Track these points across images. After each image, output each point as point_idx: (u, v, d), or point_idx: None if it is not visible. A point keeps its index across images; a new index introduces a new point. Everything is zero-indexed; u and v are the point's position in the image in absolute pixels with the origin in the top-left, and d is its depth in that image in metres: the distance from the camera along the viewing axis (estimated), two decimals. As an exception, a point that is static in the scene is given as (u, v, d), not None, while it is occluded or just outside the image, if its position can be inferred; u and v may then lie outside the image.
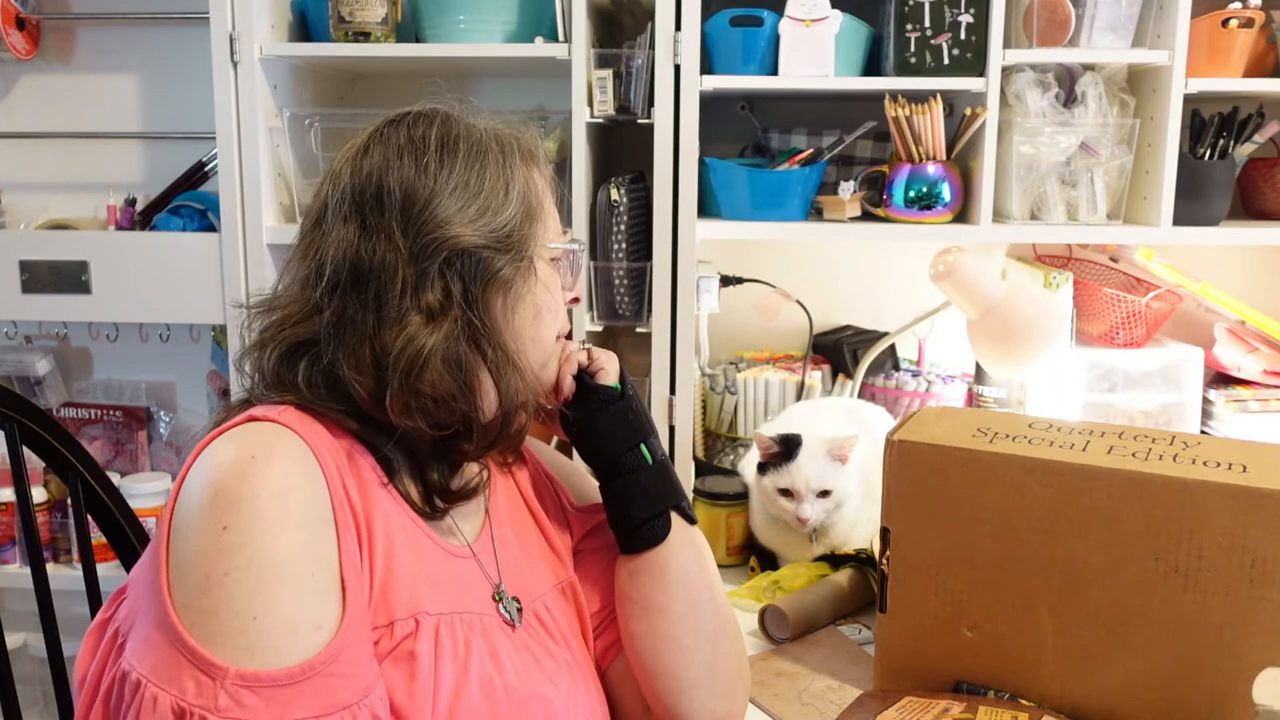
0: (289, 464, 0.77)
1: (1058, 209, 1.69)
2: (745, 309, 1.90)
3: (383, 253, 0.84)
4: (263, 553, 0.73)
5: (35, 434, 1.20)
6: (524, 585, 0.95)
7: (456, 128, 0.90)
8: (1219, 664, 0.95)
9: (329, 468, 0.80)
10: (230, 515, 0.74)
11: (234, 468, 0.76)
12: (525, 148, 0.93)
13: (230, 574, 0.72)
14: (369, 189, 0.86)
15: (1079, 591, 1.00)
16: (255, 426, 0.80)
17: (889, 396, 1.85)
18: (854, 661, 1.25)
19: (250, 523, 0.73)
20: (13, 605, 2.04)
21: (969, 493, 1.04)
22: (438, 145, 0.87)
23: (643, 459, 0.97)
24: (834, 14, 1.60)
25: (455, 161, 0.87)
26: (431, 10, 1.71)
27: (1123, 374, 1.79)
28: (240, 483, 0.75)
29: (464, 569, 0.90)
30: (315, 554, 0.76)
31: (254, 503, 0.74)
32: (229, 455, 0.77)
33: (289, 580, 0.74)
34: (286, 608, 0.73)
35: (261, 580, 0.73)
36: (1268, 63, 1.69)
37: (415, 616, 0.82)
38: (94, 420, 2.06)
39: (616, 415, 0.98)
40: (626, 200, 1.67)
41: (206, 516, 0.74)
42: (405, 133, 0.88)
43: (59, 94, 2.02)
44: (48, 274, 1.80)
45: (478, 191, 0.87)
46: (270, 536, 0.74)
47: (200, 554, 0.73)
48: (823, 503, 1.44)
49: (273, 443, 0.78)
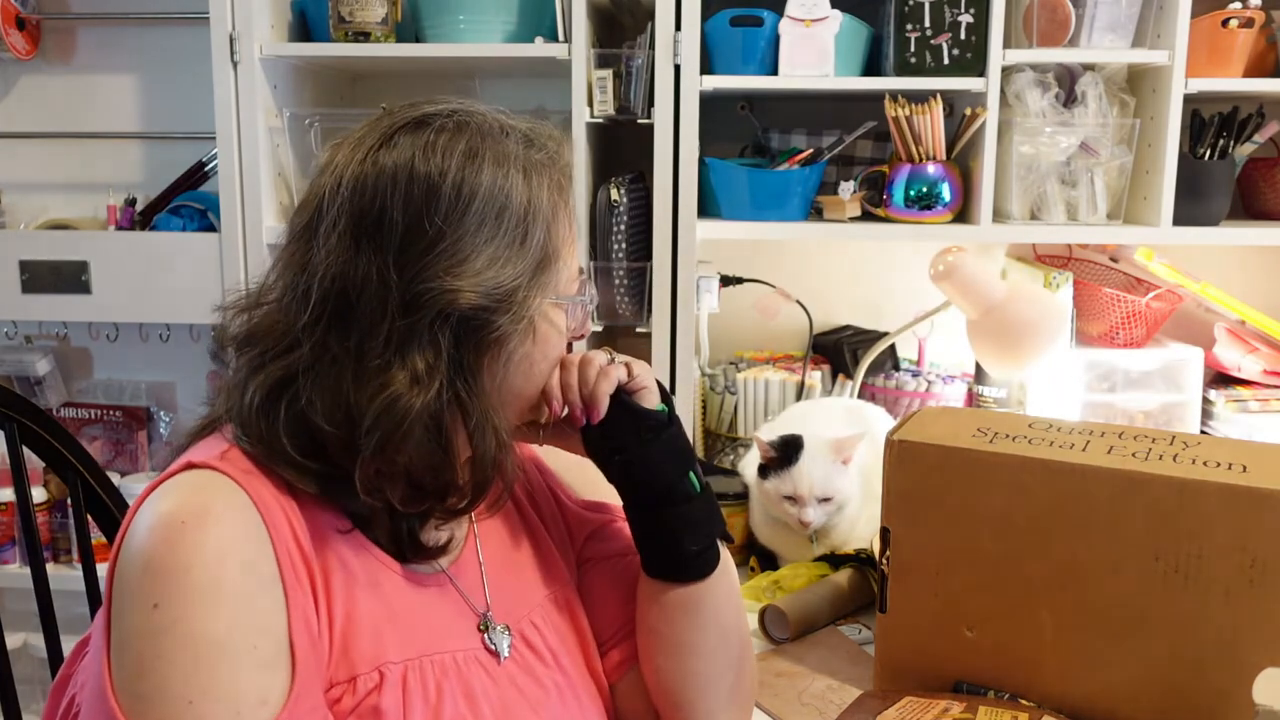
0: (224, 527, 0.71)
1: (1058, 209, 1.69)
2: (745, 309, 1.90)
3: (373, 291, 0.75)
4: (195, 631, 0.68)
5: (35, 434, 1.20)
6: (511, 603, 0.89)
7: (483, 148, 0.79)
8: (1219, 664, 0.95)
9: (274, 518, 0.74)
10: (159, 591, 0.69)
11: (164, 535, 0.70)
12: (558, 175, 0.83)
13: (162, 657, 0.68)
14: (370, 207, 0.76)
15: (1079, 591, 1.00)
16: (192, 477, 0.74)
17: (889, 396, 1.85)
18: (854, 661, 1.25)
19: (181, 598, 0.69)
20: (13, 605, 2.04)
21: (969, 493, 1.04)
22: (456, 172, 0.77)
23: (692, 487, 0.89)
24: (834, 14, 1.60)
25: (473, 199, 0.77)
26: (431, 10, 1.71)
27: (1123, 374, 1.79)
28: (169, 554, 0.70)
29: (437, 600, 0.85)
30: (256, 625, 0.71)
31: (184, 575, 0.69)
32: (160, 518, 0.71)
33: (227, 657, 0.69)
34: (226, 687, 0.69)
35: (196, 661, 0.68)
36: (1268, 63, 1.69)
37: (380, 669, 0.77)
38: (94, 420, 2.06)
39: (668, 444, 0.88)
40: (626, 200, 1.67)
41: (136, 593, 0.70)
42: (423, 144, 0.78)
43: (59, 94, 2.02)
44: (48, 274, 1.80)
45: (490, 237, 0.77)
46: (203, 611, 0.69)
47: (134, 634, 0.69)
48: (825, 506, 1.44)
49: (208, 501, 0.72)
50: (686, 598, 0.90)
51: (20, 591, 1.99)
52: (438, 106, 0.81)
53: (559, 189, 0.83)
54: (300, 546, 0.76)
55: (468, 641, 0.85)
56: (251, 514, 0.73)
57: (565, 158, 0.86)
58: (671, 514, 0.88)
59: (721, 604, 0.92)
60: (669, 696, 0.92)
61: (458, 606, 0.86)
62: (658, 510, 0.89)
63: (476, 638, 0.85)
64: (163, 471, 0.77)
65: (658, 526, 0.89)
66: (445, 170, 0.77)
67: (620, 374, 0.88)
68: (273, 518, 0.74)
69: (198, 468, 0.75)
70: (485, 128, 0.81)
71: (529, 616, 0.90)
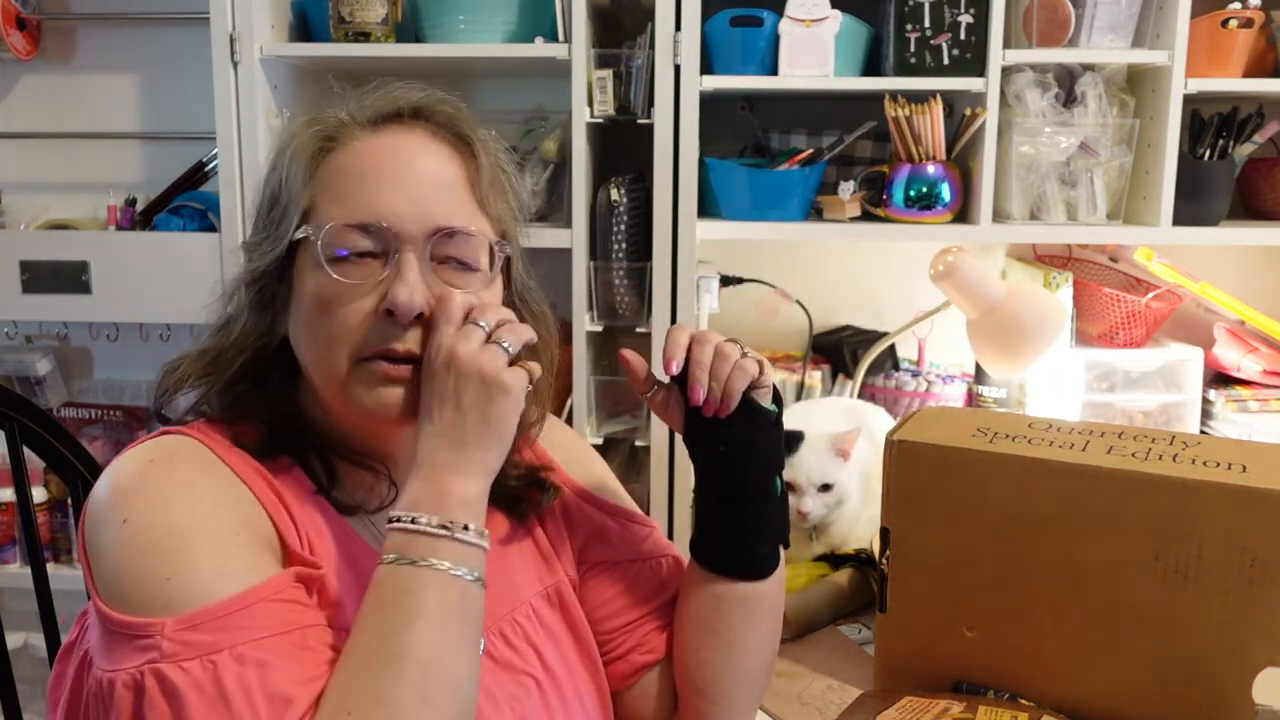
0: (191, 466, 0.76)
1: (1058, 209, 1.69)
2: (745, 309, 1.90)
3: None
4: (169, 524, 0.71)
5: (35, 434, 1.20)
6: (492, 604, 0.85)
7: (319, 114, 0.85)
8: (1219, 664, 0.95)
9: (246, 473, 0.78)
10: (128, 507, 0.72)
11: (130, 469, 0.75)
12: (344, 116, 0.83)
13: (136, 555, 0.70)
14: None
15: (1079, 591, 1.00)
16: (159, 438, 0.79)
17: (889, 396, 1.85)
18: (854, 661, 1.25)
19: (150, 505, 0.72)
20: (13, 605, 2.04)
21: (969, 493, 1.04)
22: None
23: (774, 489, 0.90)
24: (834, 14, 1.60)
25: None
26: (431, 10, 1.71)
27: (1123, 374, 1.79)
28: (137, 479, 0.74)
29: None
30: (239, 517, 0.73)
31: (154, 490, 0.73)
32: (126, 461, 0.76)
33: (208, 538, 0.71)
34: (208, 559, 0.70)
35: (171, 546, 0.70)
36: (1268, 63, 1.69)
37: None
38: (94, 420, 2.06)
39: (773, 446, 0.89)
40: (626, 200, 1.67)
41: (106, 518, 0.72)
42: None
43: (59, 94, 2.02)
44: (48, 274, 1.80)
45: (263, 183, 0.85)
46: (176, 509, 0.72)
47: (109, 549, 0.71)
48: (824, 497, 1.44)
49: (176, 450, 0.77)
50: (747, 594, 0.91)
51: (20, 591, 1.99)
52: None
53: (330, 128, 0.82)
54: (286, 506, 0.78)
55: None
56: (220, 466, 0.77)
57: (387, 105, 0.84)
58: (752, 513, 0.89)
59: (775, 603, 0.93)
60: (707, 689, 0.93)
61: None
62: (740, 508, 0.89)
63: None
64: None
65: (736, 523, 0.90)
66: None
67: (753, 370, 0.86)
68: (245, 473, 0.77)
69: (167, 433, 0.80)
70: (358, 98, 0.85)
71: (512, 614, 0.89)
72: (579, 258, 1.67)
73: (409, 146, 0.82)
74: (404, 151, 0.82)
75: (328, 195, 0.80)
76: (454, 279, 0.81)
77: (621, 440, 1.77)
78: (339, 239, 0.79)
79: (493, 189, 0.85)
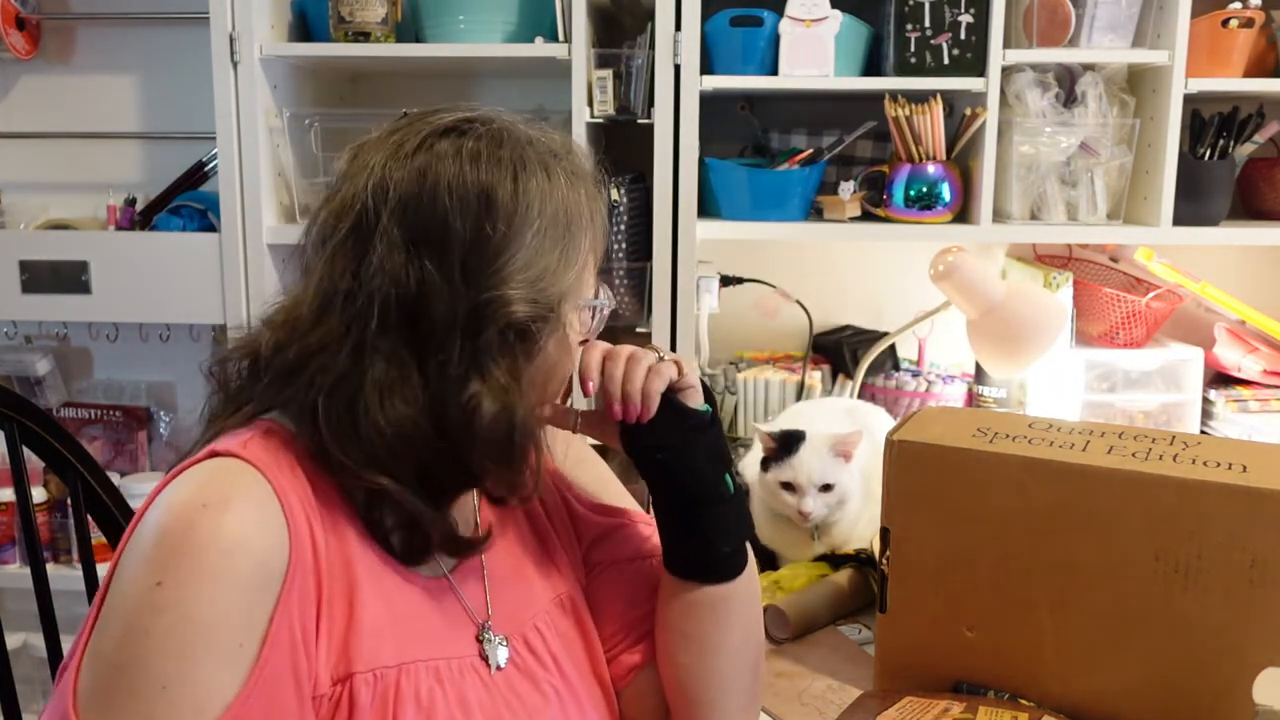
0: (245, 514, 0.72)
1: (1058, 209, 1.69)
2: (745, 309, 1.90)
3: (441, 301, 0.76)
4: (191, 616, 0.68)
5: (35, 434, 1.20)
6: (514, 609, 0.89)
7: (528, 156, 0.80)
8: (1219, 664, 0.95)
9: (294, 512, 0.74)
10: (168, 568, 0.69)
11: (183, 514, 0.70)
12: (591, 184, 0.84)
13: (151, 633, 0.68)
14: (428, 216, 0.76)
15: (1079, 591, 1.00)
16: (217, 464, 0.74)
17: (889, 396, 1.85)
18: (854, 661, 1.25)
19: (187, 580, 0.69)
20: (13, 605, 2.04)
21: (969, 493, 1.04)
22: (511, 181, 0.78)
23: (728, 489, 0.88)
24: (834, 14, 1.60)
25: (530, 208, 0.78)
26: (431, 10, 1.71)
27: (1123, 374, 1.79)
28: (186, 532, 0.70)
29: (439, 605, 0.84)
30: (248, 622, 0.71)
31: (197, 557, 0.69)
32: (182, 497, 0.72)
33: (213, 650, 0.69)
34: (201, 679, 0.68)
35: (183, 647, 0.68)
36: (1268, 63, 1.69)
37: (375, 671, 0.77)
38: (94, 420, 2.06)
39: (710, 445, 0.88)
40: (626, 200, 1.67)
41: (142, 566, 0.70)
42: (469, 152, 0.78)
43: (59, 94, 2.02)
44: (48, 274, 1.80)
45: (546, 246, 0.79)
46: (205, 598, 0.69)
47: (130, 606, 0.69)
48: (825, 497, 1.44)
49: (231, 487, 0.73)
50: (715, 597, 0.90)
51: (20, 591, 1.99)
52: (465, 113, 0.82)
53: (591, 197, 0.84)
54: (314, 541, 0.76)
55: (463, 649, 0.84)
56: (273, 505, 0.73)
57: (590, 166, 0.86)
58: (707, 514, 0.88)
59: (746, 604, 0.92)
60: (689, 695, 0.92)
61: (457, 613, 0.86)
62: (693, 511, 0.88)
63: (473, 646, 0.85)
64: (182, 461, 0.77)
65: (692, 527, 0.89)
66: (500, 179, 0.78)
67: (671, 372, 0.86)
68: (294, 513, 0.74)
69: (222, 456, 0.75)
70: (522, 136, 0.82)
71: (533, 621, 0.89)
72: (579, 258, 1.67)
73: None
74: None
75: (595, 262, 0.87)
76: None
77: (621, 440, 1.77)
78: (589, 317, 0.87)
79: None
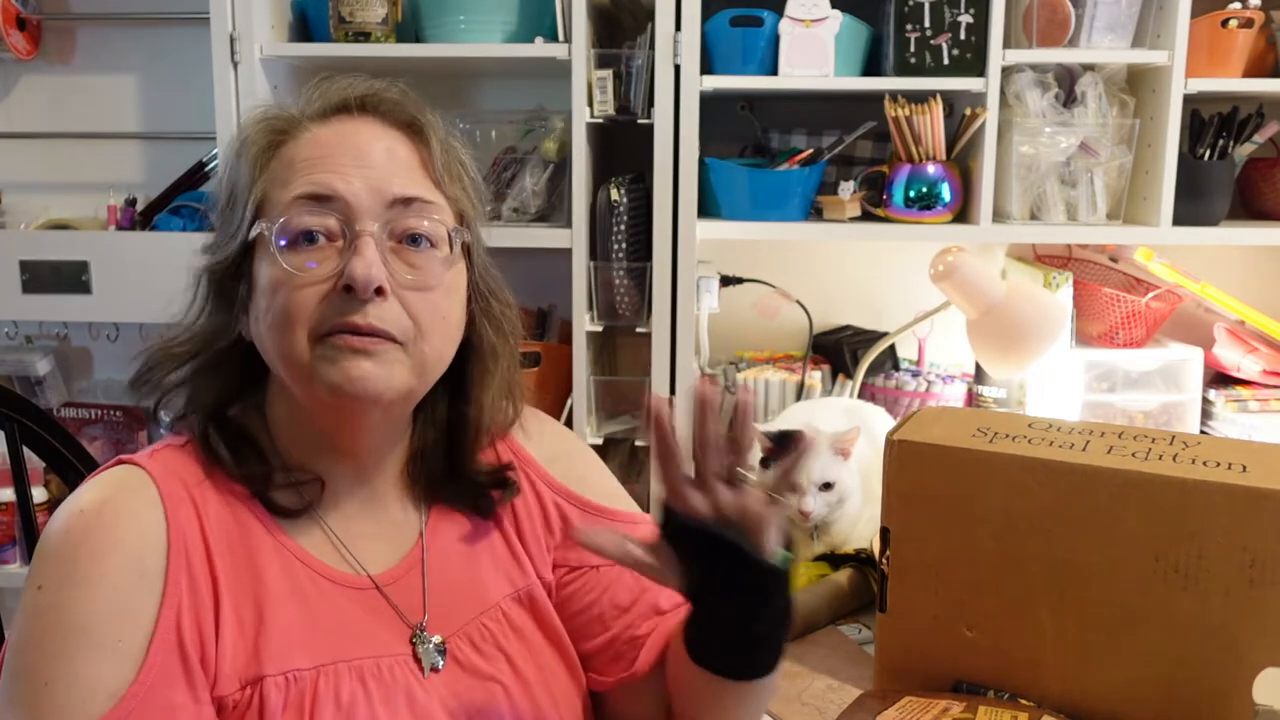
0: (118, 519, 0.75)
1: (1057, 209, 1.69)
2: (745, 309, 1.90)
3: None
4: (66, 616, 0.72)
5: (35, 434, 1.21)
6: (456, 609, 0.87)
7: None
8: (1219, 664, 0.95)
9: (179, 516, 0.77)
10: (45, 574, 0.74)
11: (63, 524, 0.75)
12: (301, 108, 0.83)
13: (34, 636, 0.72)
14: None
15: (1079, 591, 1.00)
16: (113, 472, 0.79)
17: (889, 396, 1.85)
18: (854, 661, 1.25)
19: (60, 582, 0.73)
20: (13, 605, 2.04)
21: (969, 493, 1.04)
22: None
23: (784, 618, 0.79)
24: (834, 14, 1.60)
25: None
26: (431, 10, 1.71)
27: (1123, 374, 1.79)
28: (62, 540, 0.74)
29: (367, 609, 0.83)
30: (127, 618, 0.73)
31: (69, 562, 0.73)
32: (70, 508, 0.76)
33: (93, 646, 0.71)
34: (83, 674, 0.71)
35: (63, 645, 0.71)
36: (1267, 63, 1.69)
37: (288, 674, 0.77)
38: (94, 420, 2.06)
39: (778, 610, 0.77)
40: (626, 200, 1.67)
41: (31, 574, 0.74)
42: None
43: (59, 94, 2.02)
44: (48, 274, 1.80)
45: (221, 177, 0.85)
46: (77, 597, 0.72)
47: (22, 612, 0.74)
48: (825, 496, 1.44)
49: (111, 491, 0.77)
50: (745, 689, 0.83)
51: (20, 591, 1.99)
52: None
53: (279, 122, 0.82)
54: (206, 545, 0.77)
55: (394, 650, 0.83)
56: (154, 507, 0.76)
57: (334, 95, 0.82)
58: (753, 633, 0.79)
59: (772, 688, 0.86)
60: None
61: (387, 616, 0.84)
62: (746, 627, 0.78)
63: (405, 648, 0.84)
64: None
65: (739, 637, 0.79)
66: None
67: (779, 525, 0.75)
68: (177, 513, 0.77)
69: (125, 464, 0.79)
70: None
71: (479, 619, 0.88)
72: (579, 258, 1.67)
73: (359, 132, 0.81)
74: (354, 136, 0.81)
75: (279, 185, 0.79)
76: (414, 259, 0.79)
77: (621, 440, 1.77)
78: (292, 221, 0.77)
79: (447, 171, 0.84)
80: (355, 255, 0.76)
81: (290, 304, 0.77)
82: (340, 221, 0.78)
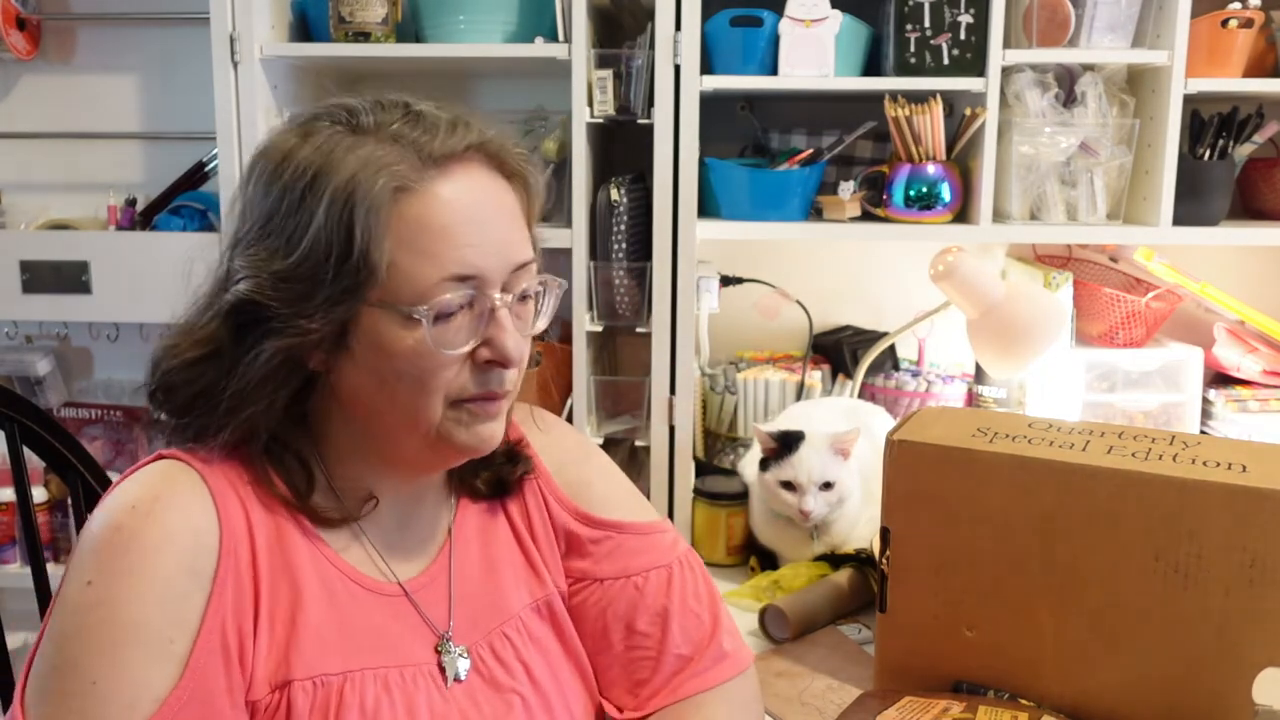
0: (172, 515, 0.74)
1: (1057, 209, 1.69)
2: (745, 309, 1.90)
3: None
4: (117, 612, 0.71)
5: (35, 434, 1.20)
6: (481, 618, 0.88)
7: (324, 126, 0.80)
8: (1219, 664, 0.95)
9: (229, 513, 0.76)
10: (95, 568, 0.72)
11: (113, 518, 0.74)
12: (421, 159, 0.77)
13: (82, 632, 0.71)
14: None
15: (1079, 591, 1.00)
16: (158, 466, 0.78)
17: (889, 396, 1.85)
18: (854, 661, 1.25)
19: (112, 578, 0.72)
20: (13, 605, 2.04)
21: (969, 493, 1.04)
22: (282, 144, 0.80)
23: None
24: (834, 14, 1.60)
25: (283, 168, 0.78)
26: (431, 10, 1.71)
27: (1123, 374, 1.79)
28: (114, 535, 0.73)
29: (396, 616, 0.84)
30: (177, 618, 0.72)
31: (121, 557, 0.72)
32: (116, 500, 0.75)
33: (141, 645, 0.71)
34: (132, 674, 0.70)
35: (112, 642, 0.70)
36: (1267, 63, 1.69)
37: (316, 678, 0.77)
38: (94, 420, 2.06)
39: None
40: (626, 200, 1.67)
41: (77, 569, 0.73)
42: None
43: (59, 94, 2.02)
44: (48, 274, 1.80)
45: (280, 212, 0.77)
46: (130, 594, 0.71)
47: (66, 607, 0.72)
48: (825, 495, 1.45)
49: (163, 487, 0.76)
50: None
51: (20, 591, 1.99)
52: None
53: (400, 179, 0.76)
54: (252, 546, 0.77)
55: (419, 658, 0.84)
56: (206, 505, 0.76)
57: (452, 144, 0.78)
58: None
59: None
60: None
61: (415, 625, 0.85)
62: None
63: (431, 657, 0.84)
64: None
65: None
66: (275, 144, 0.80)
67: None
68: (228, 512, 0.76)
69: (167, 458, 0.78)
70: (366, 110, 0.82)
71: (501, 629, 0.88)
72: (579, 257, 1.67)
73: (480, 188, 0.80)
74: (478, 194, 0.79)
75: (414, 253, 0.75)
76: (523, 313, 0.83)
77: (621, 440, 1.77)
78: (442, 300, 0.76)
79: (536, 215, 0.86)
80: (498, 329, 0.79)
81: (432, 374, 0.78)
82: (475, 290, 0.78)
